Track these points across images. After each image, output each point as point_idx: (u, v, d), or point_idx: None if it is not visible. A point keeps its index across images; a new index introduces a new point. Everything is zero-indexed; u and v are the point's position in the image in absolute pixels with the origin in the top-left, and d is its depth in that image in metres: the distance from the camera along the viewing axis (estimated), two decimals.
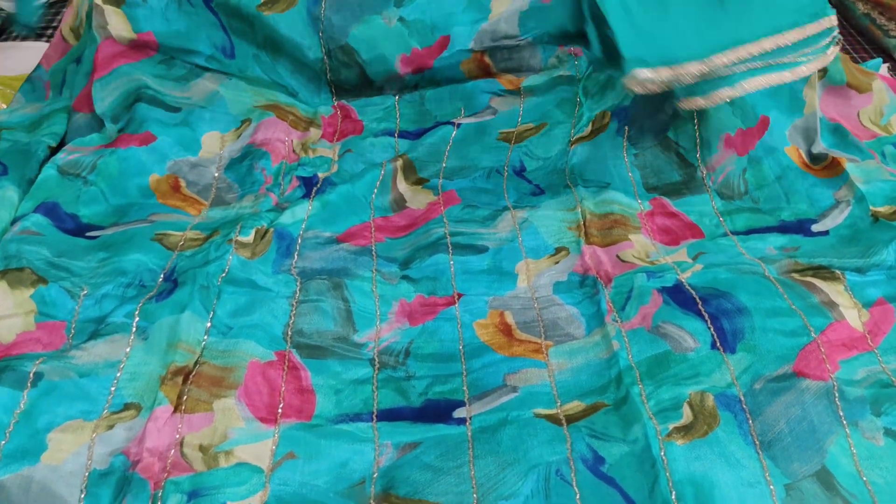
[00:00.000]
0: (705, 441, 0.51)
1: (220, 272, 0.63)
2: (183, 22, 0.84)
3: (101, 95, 0.83)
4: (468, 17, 0.85)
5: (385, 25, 0.85)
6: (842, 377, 0.54)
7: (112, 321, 0.57)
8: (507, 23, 0.85)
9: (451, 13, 0.85)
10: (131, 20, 0.83)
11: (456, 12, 0.85)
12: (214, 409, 0.53)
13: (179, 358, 0.56)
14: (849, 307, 0.60)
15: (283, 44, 0.87)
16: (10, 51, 1.08)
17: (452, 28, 0.85)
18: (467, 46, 0.85)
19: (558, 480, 0.50)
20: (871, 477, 0.48)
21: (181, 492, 0.48)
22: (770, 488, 0.48)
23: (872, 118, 0.82)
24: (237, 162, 0.80)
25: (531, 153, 0.81)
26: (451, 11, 0.85)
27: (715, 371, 0.56)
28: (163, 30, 0.84)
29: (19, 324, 0.59)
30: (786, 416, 0.51)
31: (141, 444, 0.50)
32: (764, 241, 0.68)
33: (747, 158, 0.76)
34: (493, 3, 0.85)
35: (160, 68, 0.85)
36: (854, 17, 1.15)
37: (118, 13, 0.83)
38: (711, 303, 0.60)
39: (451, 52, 0.85)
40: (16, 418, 0.50)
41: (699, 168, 0.76)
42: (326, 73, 0.89)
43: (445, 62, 0.86)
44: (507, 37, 0.86)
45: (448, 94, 0.88)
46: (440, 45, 0.85)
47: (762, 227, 0.71)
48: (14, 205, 0.72)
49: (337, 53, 0.86)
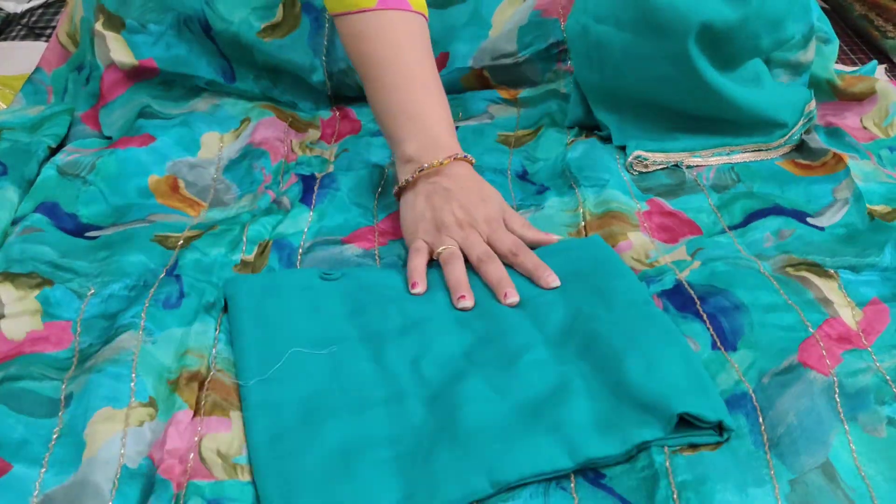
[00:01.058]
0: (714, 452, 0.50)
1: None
2: (183, 48, 0.85)
3: (108, 122, 0.84)
4: (469, 32, 0.85)
5: None
6: (842, 371, 0.54)
7: (121, 323, 0.58)
8: (506, 40, 0.85)
9: (453, 27, 0.85)
10: (132, 47, 0.84)
11: (457, 26, 0.85)
12: (232, 418, 0.54)
13: (190, 363, 0.56)
14: (843, 305, 0.60)
15: (284, 67, 0.87)
16: (9, 51, 1.09)
17: (452, 44, 0.85)
18: (467, 64, 0.86)
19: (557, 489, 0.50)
20: (870, 471, 0.49)
21: (202, 497, 0.48)
22: (774, 485, 0.48)
23: (876, 120, 0.82)
24: (236, 162, 0.80)
25: (531, 156, 0.82)
26: (452, 25, 0.85)
27: (720, 372, 0.56)
28: (163, 56, 0.84)
29: (28, 322, 0.59)
30: (795, 408, 0.51)
31: (163, 447, 0.50)
32: (763, 228, 0.68)
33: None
34: (495, 18, 0.85)
35: (159, 90, 0.85)
36: (851, 18, 1.15)
37: (119, 39, 0.83)
38: (709, 301, 0.60)
39: (450, 69, 0.86)
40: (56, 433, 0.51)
41: (686, 172, 0.77)
42: (328, 90, 0.89)
43: (445, 78, 0.86)
44: (506, 55, 0.86)
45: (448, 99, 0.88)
46: (440, 61, 0.86)
47: (759, 209, 0.71)
48: (14, 205, 0.72)
49: (339, 76, 0.87)
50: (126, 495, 0.47)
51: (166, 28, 0.83)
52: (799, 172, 0.76)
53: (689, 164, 0.78)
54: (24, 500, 0.47)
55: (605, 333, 0.57)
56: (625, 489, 0.49)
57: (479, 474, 0.49)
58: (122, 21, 0.83)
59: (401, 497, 0.48)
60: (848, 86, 0.83)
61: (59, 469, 0.49)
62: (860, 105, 0.83)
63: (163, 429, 0.52)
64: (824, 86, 0.84)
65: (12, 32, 1.15)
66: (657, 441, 0.50)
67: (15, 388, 0.53)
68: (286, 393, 0.55)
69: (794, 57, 0.80)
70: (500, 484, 0.48)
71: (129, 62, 0.83)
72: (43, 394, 0.53)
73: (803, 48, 0.80)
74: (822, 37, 0.83)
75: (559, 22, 0.85)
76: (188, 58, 0.85)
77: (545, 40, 0.86)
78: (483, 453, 0.50)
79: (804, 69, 0.81)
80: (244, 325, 0.60)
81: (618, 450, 0.50)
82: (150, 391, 0.53)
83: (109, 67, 0.83)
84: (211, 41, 0.84)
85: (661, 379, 0.52)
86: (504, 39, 0.85)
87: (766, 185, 0.75)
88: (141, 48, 0.83)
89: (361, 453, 0.51)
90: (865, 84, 0.83)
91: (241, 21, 0.82)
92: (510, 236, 0.67)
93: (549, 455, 0.50)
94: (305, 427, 0.52)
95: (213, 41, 0.84)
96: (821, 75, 0.83)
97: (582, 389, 0.53)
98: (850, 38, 1.13)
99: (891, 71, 1.03)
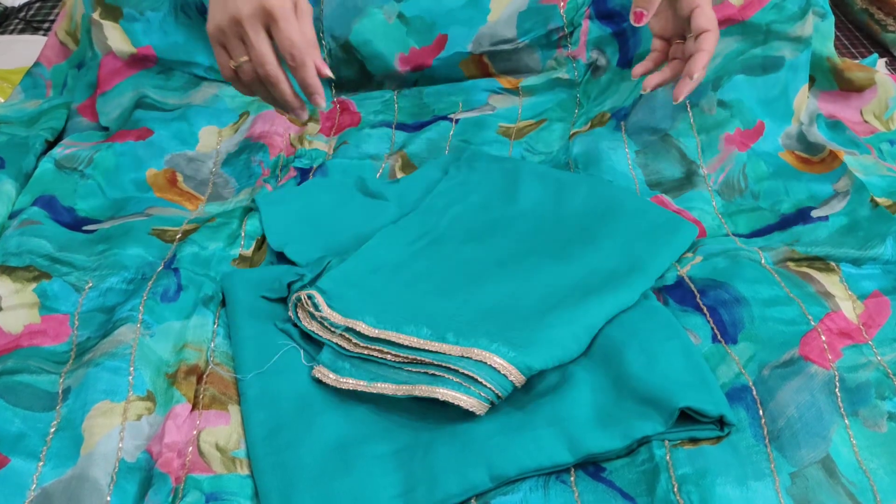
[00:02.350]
0: (715, 446, 0.50)
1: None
2: (181, 34, 0.84)
3: (105, 110, 0.83)
4: (467, 14, 0.85)
5: (385, 22, 0.85)
6: (843, 365, 0.54)
7: (119, 317, 0.57)
8: (506, 25, 0.85)
9: (451, 10, 0.85)
10: (130, 34, 0.83)
11: (455, 9, 0.85)
12: (230, 412, 0.54)
13: (188, 356, 0.56)
14: (844, 299, 0.60)
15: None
16: (7, 44, 1.08)
17: (451, 27, 0.85)
18: (465, 49, 0.85)
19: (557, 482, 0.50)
20: (872, 465, 0.48)
21: (200, 491, 0.48)
22: (775, 478, 0.48)
23: (876, 113, 0.82)
24: (234, 156, 0.80)
25: (532, 148, 0.81)
26: (450, 8, 0.85)
27: (720, 365, 0.56)
28: (161, 43, 0.84)
29: (25, 315, 0.59)
30: (795, 401, 0.51)
31: (161, 441, 0.50)
32: (767, 242, 0.68)
33: (747, 154, 0.76)
34: (493, 2, 0.85)
35: (159, 79, 0.85)
36: (852, 11, 1.15)
37: (116, 28, 0.83)
38: (709, 294, 0.60)
39: (449, 52, 0.85)
40: (54, 427, 0.51)
41: (700, 167, 0.76)
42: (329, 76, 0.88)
43: (444, 62, 0.86)
44: (505, 41, 0.86)
45: (447, 90, 0.88)
46: (438, 43, 0.85)
47: (764, 226, 0.70)
48: (11, 199, 0.72)
49: (337, 52, 0.86)
50: (124, 489, 0.47)
51: (163, 15, 0.83)
52: (800, 167, 0.76)
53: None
54: (22, 494, 0.47)
55: (606, 327, 0.56)
56: (625, 482, 0.49)
57: (478, 468, 0.48)
58: (119, 10, 0.82)
59: (400, 491, 0.48)
60: (847, 69, 0.83)
61: (56, 463, 0.48)
62: (860, 96, 0.83)
63: (161, 422, 0.51)
64: (824, 64, 0.83)
65: (10, 26, 1.15)
66: (658, 435, 0.50)
67: (12, 381, 0.53)
68: (284, 387, 0.55)
69: (792, 29, 0.79)
70: (499, 478, 0.48)
71: (126, 50, 0.83)
72: (40, 387, 0.53)
73: (800, 20, 0.79)
74: (818, 11, 0.82)
75: (558, 8, 0.84)
76: (186, 44, 0.84)
77: (545, 26, 0.85)
78: (482, 447, 0.49)
79: (804, 44, 0.80)
80: (242, 318, 0.59)
81: (618, 444, 0.50)
82: (149, 385, 0.53)
83: (107, 56, 0.83)
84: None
85: (662, 373, 0.52)
86: (503, 25, 0.84)
87: (771, 183, 0.74)
88: (139, 36, 0.83)
89: (360, 447, 0.51)
90: (865, 74, 0.82)
91: None
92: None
93: (549, 449, 0.49)
94: (304, 421, 0.52)
95: None
96: (821, 52, 0.82)
97: (582, 383, 0.53)
98: (850, 32, 1.13)
99: (891, 64, 1.03)
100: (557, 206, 0.69)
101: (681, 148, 0.78)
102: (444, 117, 0.85)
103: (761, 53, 0.79)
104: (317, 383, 0.55)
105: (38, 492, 0.47)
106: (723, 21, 0.79)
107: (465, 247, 0.65)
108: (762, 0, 0.79)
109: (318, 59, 0.64)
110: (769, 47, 0.79)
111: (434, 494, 0.47)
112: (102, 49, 0.83)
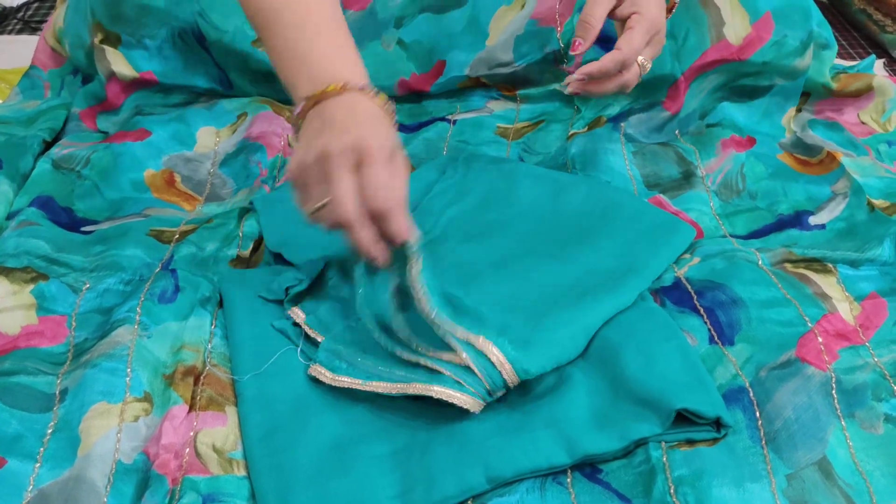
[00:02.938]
0: (711, 448, 0.50)
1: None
2: (180, 59, 0.84)
3: (105, 126, 0.84)
4: (466, 39, 0.85)
5: (384, 51, 0.85)
6: (840, 367, 0.54)
7: (116, 318, 0.57)
8: (503, 49, 0.84)
9: (450, 35, 0.85)
10: (130, 61, 0.83)
11: (454, 34, 0.85)
12: (227, 413, 0.54)
13: (186, 357, 0.56)
14: (841, 300, 0.60)
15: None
16: (5, 45, 1.08)
17: (449, 52, 0.85)
18: (463, 73, 0.85)
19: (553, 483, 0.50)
20: (868, 467, 0.48)
21: (197, 492, 0.48)
22: (771, 480, 0.48)
23: (874, 115, 0.82)
24: (232, 157, 0.80)
25: (530, 149, 0.81)
26: (450, 33, 0.85)
27: (717, 366, 0.56)
28: (161, 68, 0.84)
29: (23, 316, 0.59)
30: (792, 403, 0.51)
31: (158, 442, 0.50)
32: (764, 244, 0.68)
33: (745, 155, 0.77)
34: (492, 26, 0.84)
35: (158, 97, 0.85)
36: (850, 12, 1.15)
37: (117, 54, 0.83)
38: (706, 295, 0.60)
39: (447, 77, 0.85)
40: (51, 429, 0.51)
41: (698, 167, 0.76)
42: None
43: (441, 86, 0.86)
44: (502, 64, 0.85)
45: (445, 97, 0.88)
46: (437, 70, 0.85)
47: (762, 226, 0.70)
48: (9, 199, 0.72)
49: None
50: (121, 491, 0.47)
51: (161, 42, 0.83)
52: (798, 168, 0.76)
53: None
54: (19, 495, 0.47)
55: (603, 328, 0.56)
56: (621, 484, 0.49)
57: (475, 469, 0.48)
58: (118, 37, 0.83)
59: (397, 492, 0.48)
60: (844, 86, 0.83)
61: (53, 464, 0.49)
62: (857, 101, 0.83)
63: (158, 424, 0.51)
64: (820, 89, 0.84)
65: (8, 27, 1.15)
66: (654, 436, 0.50)
67: (9, 382, 0.53)
68: (281, 388, 0.55)
69: (791, 64, 0.80)
70: (496, 479, 0.48)
71: (129, 74, 0.83)
72: (37, 389, 0.53)
73: (801, 55, 0.80)
74: (821, 42, 0.82)
75: (555, 31, 0.84)
76: (185, 68, 0.84)
77: (541, 50, 0.85)
78: (479, 448, 0.49)
79: (800, 74, 0.81)
80: (239, 320, 0.59)
81: (615, 445, 0.50)
82: (146, 386, 0.53)
83: (111, 79, 0.83)
84: (206, 52, 0.84)
85: (658, 374, 0.52)
86: (500, 49, 0.84)
87: (769, 184, 0.74)
88: (139, 62, 0.83)
89: (357, 448, 0.51)
90: (861, 82, 0.83)
91: (235, 30, 0.82)
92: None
93: (546, 450, 0.49)
94: (301, 422, 0.52)
95: (208, 51, 0.84)
96: (817, 80, 0.83)
97: (579, 384, 0.53)
98: (848, 33, 1.13)
99: (889, 65, 1.03)
100: (555, 207, 0.69)
101: (678, 150, 0.78)
102: (442, 118, 0.85)
103: (752, 83, 0.81)
104: (313, 384, 0.55)
105: (34, 493, 0.47)
106: (719, 62, 0.80)
107: (462, 247, 0.65)
108: (763, 38, 0.79)
109: (402, 219, 0.54)
110: (761, 77, 0.81)
111: (431, 495, 0.47)
112: (106, 73, 0.83)
